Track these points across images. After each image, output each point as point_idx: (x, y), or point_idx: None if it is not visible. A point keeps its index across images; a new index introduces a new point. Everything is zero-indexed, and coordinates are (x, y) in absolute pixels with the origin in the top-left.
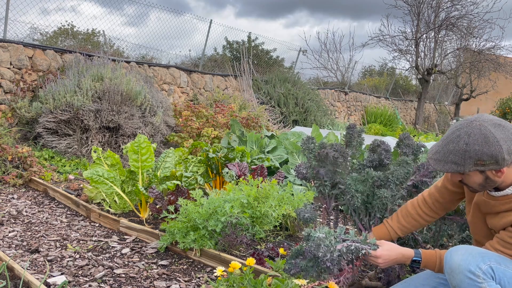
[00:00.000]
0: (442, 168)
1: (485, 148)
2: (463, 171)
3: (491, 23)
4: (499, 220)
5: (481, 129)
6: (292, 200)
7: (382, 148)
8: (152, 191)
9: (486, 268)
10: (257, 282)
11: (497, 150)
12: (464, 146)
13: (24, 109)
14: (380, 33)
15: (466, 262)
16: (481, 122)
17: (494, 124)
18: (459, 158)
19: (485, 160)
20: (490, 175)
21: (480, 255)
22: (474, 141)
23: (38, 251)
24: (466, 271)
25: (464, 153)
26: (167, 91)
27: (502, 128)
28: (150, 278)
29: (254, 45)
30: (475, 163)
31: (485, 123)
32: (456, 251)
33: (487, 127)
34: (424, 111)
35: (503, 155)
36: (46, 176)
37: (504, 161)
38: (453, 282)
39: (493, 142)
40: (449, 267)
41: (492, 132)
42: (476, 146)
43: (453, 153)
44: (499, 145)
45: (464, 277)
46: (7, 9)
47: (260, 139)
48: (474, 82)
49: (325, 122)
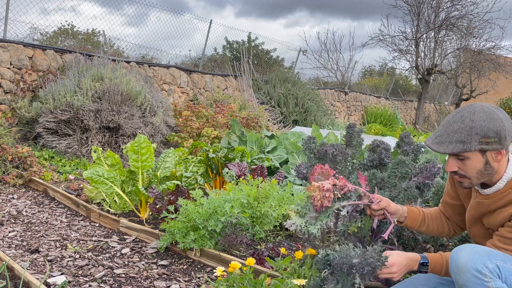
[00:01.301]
0: (446, 149)
1: (490, 124)
2: (469, 148)
3: (491, 23)
4: (496, 217)
5: (483, 108)
6: (292, 200)
7: (382, 148)
8: (152, 191)
9: (492, 267)
10: (257, 282)
11: (501, 127)
12: (470, 123)
13: (24, 109)
14: (380, 33)
15: (473, 261)
16: (481, 105)
17: (492, 106)
18: (465, 135)
19: (490, 137)
20: (490, 158)
21: (487, 254)
22: (479, 117)
23: (38, 251)
24: (473, 270)
25: (470, 129)
26: (167, 91)
27: (501, 111)
28: (150, 278)
29: (254, 45)
30: (480, 140)
31: (484, 105)
32: (462, 250)
33: (489, 107)
34: (424, 111)
35: (505, 133)
36: (46, 176)
37: (506, 141)
38: (459, 281)
39: (497, 119)
40: (456, 266)
41: (494, 111)
42: (482, 122)
43: (459, 132)
44: (503, 123)
45: (470, 276)
46: (7, 9)
47: (260, 139)
48: (474, 82)
49: (325, 122)
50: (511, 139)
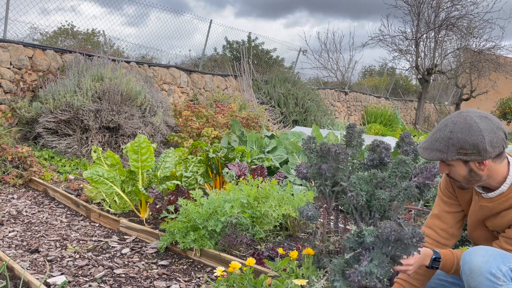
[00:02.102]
0: (428, 156)
1: (467, 137)
2: (446, 158)
3: (491, 23)
4: (501, 219)
5: (466, 118)
6: (292, 200)
7: (382, 147)
8: (152, 191)
9: (506, 270)
10: (257, 282)
11: (479, 140)
12: (448, 134)
13: (24, 109)
14: (380, 33)
15: (488, 264)
16: (468, 113)
17: (480, 115)
18: (443, 145)
19: (467, 149)
20: (474, 167)
21: (500, 257)
22: (458, 129)
23: (38, 251)
24: (487, 273)
25: (448, 140)
26: (167, 91)
27: (488, 120)
28: (150, 278)
29: (254, 45)
30: (457, 151)
31: (471, 114)
32: (476, 253)
33: (472, 118)
34: (424, 111)
35: (484, 145)
36: (46, 176)
37: (486, 153)
38: (471, 283)
39: (476, 132)
40: (469, 269)
41: (476, 122)
42: (459, 134)
43: (439, 141)
44: (482, 135)
45: (484, 279)
46: (7, 9)
47: (260, 139)
48: (474, 82)
49: (325, 122)
50: (499, 149)
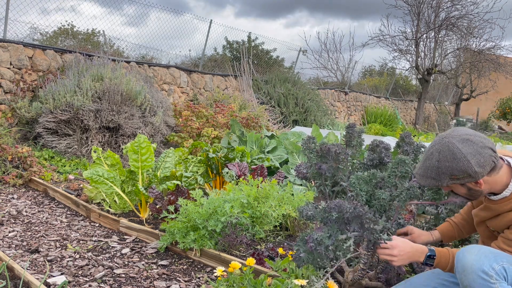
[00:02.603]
0: (424, 183)
1: (454, 164)
2: (441, 185)
3: (491, 23)
4: (501, 220)
5: (449, 146)
6: (292, 200)
7: (382, 147)
8: (152, 191)
9: (499, 269)
10: (257, 282)
11: (466, 165)
12: (436, 163)
13: (24, 109)
14: (380, 33)
15: (480, 262)
16: (450, 139)
17: (462, 140)
18: (435, 174)
19: (458, 175)
20: (471, 186)
21: (493, 255)
22: (444, 158)
23: (38, 251)
24: (479, 271)
25: (437, 169)
26: (167, 91)
27: (470, 143)
28: (150, 278)
29: (254, 45)
30: (450, 177)
31: (453, 140)
32: (469, 251)
33: (454, 144)
34: (424, 111)
35: (473, 168)
36: (46, 176)
37: (476, 174)
38: (464, 281)
39: (461, 158)
40: (462, 266)
41: (459, 148)
42: (446, 163)
43: (430, 169)
44: (467, 160)
45: (476, 277)
46: (7, 9)
47: (260, 139)
48: (474, 82)
49: (325, 122)
50: (489, 165)
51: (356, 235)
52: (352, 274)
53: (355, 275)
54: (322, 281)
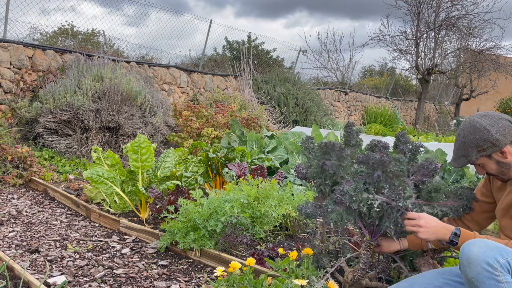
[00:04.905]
0: (458, 164)
1: (477, 135)
2: (472, 160)
3: (491, 23)
4: None
5: (470, 122)
6: (292, 200)
7: (380, 146)
8: (152, 191)
9: (504, 262)
10: (257, 282)
11: (487, 133)
12: (462, 139)
13: (24, 109)
14: (380, 33)
15: (485, 254)
16: (470, 118)
17: (480, 115)
18: (464, 150)
19: (482, 145)
20: (498, 158)
21: (498, 249)
22: (468, 133)
23: (38, 251)
24: (484, 263)
25: (464, 145)
26: (167, 91)
27: (488, 116)
28: (150, 278)
29: (254, 45)
30: (477, 150)
31: (473, 117)
32: (474, 243)
33: (474, 119)
34: (424, 111)
35: (494, 136)
36: (46, 176)
37: (499, 142)
38: (469, 274)
39: (481, 129)
40: (467, 259)
41: (479, 122)
42: (470, 136)
43: (459, 148)
44: (487, 130)
45: (481, 269)
46: (7, 9)
47: (260, 139)
48: (474, 82)
49: (325, 122)
50: (510, 134)
51: (383, 200)
52: (352, 274)
53: (355, 275)
54: (322, 281)
